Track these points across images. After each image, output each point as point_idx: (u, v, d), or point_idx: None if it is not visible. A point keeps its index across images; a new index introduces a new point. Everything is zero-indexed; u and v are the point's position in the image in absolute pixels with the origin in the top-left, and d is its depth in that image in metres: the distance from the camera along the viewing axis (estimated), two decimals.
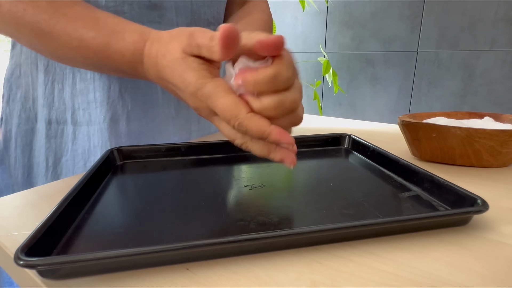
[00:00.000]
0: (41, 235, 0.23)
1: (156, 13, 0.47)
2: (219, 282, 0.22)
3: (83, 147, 0.48)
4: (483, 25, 1.28)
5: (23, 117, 0.50)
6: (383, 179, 0.37)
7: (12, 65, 0.51)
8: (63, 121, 0.48)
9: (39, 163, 0.50)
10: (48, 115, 0.48)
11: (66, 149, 0.49)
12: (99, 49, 0.35)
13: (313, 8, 1.62)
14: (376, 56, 1.52)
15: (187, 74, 0.29)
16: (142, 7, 0.45)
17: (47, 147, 0.49)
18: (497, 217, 0.29)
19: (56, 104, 0.48)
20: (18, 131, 0.50)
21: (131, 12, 0.45)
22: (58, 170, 0.49)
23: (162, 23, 0.47)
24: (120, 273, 0.23)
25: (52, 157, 0.49)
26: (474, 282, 0.21)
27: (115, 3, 0.44)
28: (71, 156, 0.49)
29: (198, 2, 0.51)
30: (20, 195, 0.36)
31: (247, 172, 0.40)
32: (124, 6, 0.44)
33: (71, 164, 0.49)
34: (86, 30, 0.35)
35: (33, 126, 0.50)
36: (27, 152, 0.50)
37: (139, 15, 0.45)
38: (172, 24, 0.49)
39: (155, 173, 0.41)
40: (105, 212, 0.30)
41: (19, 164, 0.50)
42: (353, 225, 0.25)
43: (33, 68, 0.48)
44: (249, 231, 0.26)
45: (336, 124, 0.68)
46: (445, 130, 0.41)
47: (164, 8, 0.47)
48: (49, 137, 0.49)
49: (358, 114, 1.63)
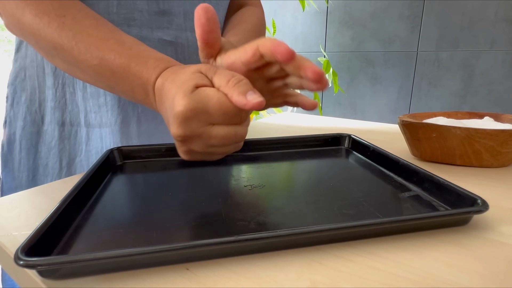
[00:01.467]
0: (41, 235, 0.23)
1: (165, 19, 0.48)
2: (219, 282, 0.22)
3: (96, 148, 0.49)
4: (483, 25, 1.28)
5: (28, 120, 0.50)
6: (383, 179, 0.37)
7: (16, 68, 0.51)
8: (76, 123, 0.49)
9: (47, 164, 0.50)
10: (61, 117, 0.49)
11: (80, 150, 0.50)
12: (119, 69, 0.35)
13: (313, 8, 1.62)
14: (376, 56, 1.52)
15: (193, 68, 0.31)
16: (151, 14, 0.46)
17: (60, 148, 0.49)
18: (497, 217, 0.29)
19: (69, 107, 0.49)
20: (23, 133, 0.50)
21: (140, 19, 0.46)
22: (73, 170, 0.50)
23: (171, 28, 0.48)
24: (120, 273, 0.23)
25: (66, 158, 0.50)
26: (474, 282, 0.21)
27: (126, 9, 0.44)
28: (85, 157, 0.50)
29: None
30: (20, 195, 0.36)
31: (247, 172, 0.40)
32: (134, 13, 0.45)
33: (85, 164, 0.50)
34: (109, 51, 0.35)
35: (39, 129, 0.50)
36: (32, 155, 0.51)
37: (148, 21, 0.46)
38: (180, 29, 0.49)
39: (155, 173, 0.41)
40: (105, 212, 0.30)
41: (24, 167, 0.51)
42: (353, 225, 0.25)
43: (40, 71, 0.49)
44: (249, 231, 0.26)
45: (336, 124, 0.68)
46: (445, 130, 0.41)
47: (172, 14, 0.48)
48: (63, 138, 0.49)
49: (358, 114, 1.63)
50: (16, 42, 0.51)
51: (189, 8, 0.50)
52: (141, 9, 0.45)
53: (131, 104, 0.49)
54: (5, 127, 0.52)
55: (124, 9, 0.44)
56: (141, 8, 0.45)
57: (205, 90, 0.29)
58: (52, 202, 0.33)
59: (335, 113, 1.69)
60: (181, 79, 0.30)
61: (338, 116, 0.76)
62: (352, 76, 1.60)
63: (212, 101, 0.29)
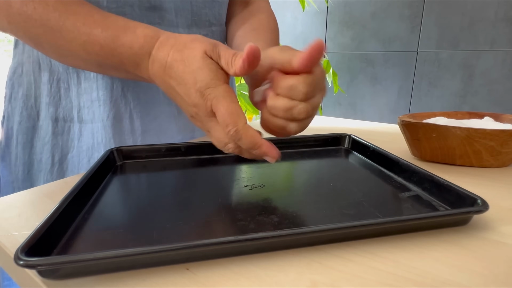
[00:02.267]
0: (41, 235, 0.23)
1: (156, 15, 0.47)
2: (219, 282, 0.22)
3: (87, 144, 0.49)
4: (483, 25, 1.28)
5: (25, 115, 0.50)
6: (383, 179, 0.37)
7: (15, 63, 0.51)
8: (70, 119, 0.49)
9: (41, 160, 0.50)
10: (54, 113, 0.49)
11: (72, 146, 0.50)
12: (106, 42, 0.35)
13: (313, 8, 1.62)
14: (376, 56, 1.52)
15: (203, 71, 0.31)
16: (142, 9, 0.46)
17: (53, 144, 0.50)
18: (497, 217, 0.29)
19: (63, 103, 0.49)
20: (19, 128, 0.51)
21: (131, 14, 0.45)
22: (64, 166, 0.50)
23: (162, 24, 0.48)
24: (120, 273, 0.23)
25: (59, 154, 0.50)
26: (474, 282, 0.21)
27: (116, 4, 0.44)
28: (77, 153, 0.50)
29: (199, 3, 0.51)
30: (20, 195, 0.36)
31: (247, 172, 0.40)
32: (125, 8, 0.45)
33: (77, 160, 0.50)
34: (95, 25, 0.35)
35: (34, 124, 0.50)
36: (28, 149, 0.51)
37: (139, 16, 0.46)
38: (172, 26, 0.49)
39: (155, 173, 0.41)
40: (105, 212, 0.30)
41: (20, 161, 0.51)
42: (353, 225, 0.25)
43: (36, 67, 0.49)
44: (249, 231, 0.26)
45: (336, 124, 0.68)
46: (445, 130, 0.41)
47: (163, 10, 0.48)
48: (56, 134, 0.49)
49: (358, 114, 1.63)
50: (15, 38, 0.51)
51: (180, 4, 0.49)
52: (132, 4, 0.45)
53: (123, 99, 0.48)
54: (3, 122, 0.53)
55: (114, 3, 0.44)
56: (132, 2, 0.45)
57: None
58: (52, 202, 0.33)
59: (335, 113, 1.69)
60: (193, 65, 0.31)
61: (338, 116, 0.76)
62: (352, 76, 1.60)
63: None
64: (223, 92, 0.31)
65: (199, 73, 0.31)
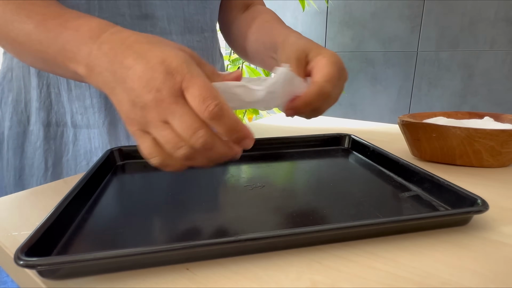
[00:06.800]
0: (41, 235, 0.23)
1: (148, 23, 0.47)
2: (219, 282, 0.22)
3: (85, 148, 0.49)
4: (483, 25, 1.28)
5: (15, 120, 0.50)
6: (383, 179, 0.37)
7: (4, 68, 0.51)
8: (62, 124, 0.49)
9: (33, 164, 0.50)
10: (46, 118, 0.49)
11: (67, 150, 0.49)
12: (53, 26, 0.32)
13: (313, 8, 1.62)
14: (376, 56, 1.52)
15: (178, 51, 0.27)
16: (134, 18, 0.46)
17: (45, 148, 0.49)
18: (497, 217, 0.29)
19: (55, 107, 0.48)
20: (10, 133, 0.50)
21: (123, 23, 0.45)
22: (59, 170, 0.50)
23: (155, 32, 0.48)
24: (120, 273, 0.23)
25: (52, 158, 0.49)
26: (474, 282, 0.21)
27: (107, 14, 0.44)
28: (73, 156, 0.49)
29: (191, 10, 0.51)
30: (20, 195, 0.36)
31: (247, 172, 0.40)
32: (116, 18, 0.45)
33: (73, 163, 0.50)
34: (49, 13, 0.33)
35: (25, 129, 0.50)
36: (19, 154, 0.51)
37: (131, 25, 0.46)
38: (165, 33, 0.49)
39: (155, 173, 0.41)
40: (105, 212, 0.30)
41: (11, 166, 0.51)
42: (353, 225, 0.25)
43: (25, 72, 0.49)
44: (250, 231, 0.26)
45: (336, 124, 0.68)
46: (445, 130, 0.41)
47: (155, 18, 0.47)
48: (48, 138, 0.49)
49: (358, 114, 1.63)
50: None
51: (173, 12, 0.49)
52: (123, 13, 0.45)
53: None
54: None
55: (105, 13, 0.44)
56: (123, 12, 0.45)
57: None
58: (52, 202, 0.33)
59: (335, 113, 1.69)
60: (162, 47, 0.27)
61: (338, 116, 0.76)
62: (352, 76, 1.60)
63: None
64: (198, 70, 0.27)
65: (171, 53, 0.27)
